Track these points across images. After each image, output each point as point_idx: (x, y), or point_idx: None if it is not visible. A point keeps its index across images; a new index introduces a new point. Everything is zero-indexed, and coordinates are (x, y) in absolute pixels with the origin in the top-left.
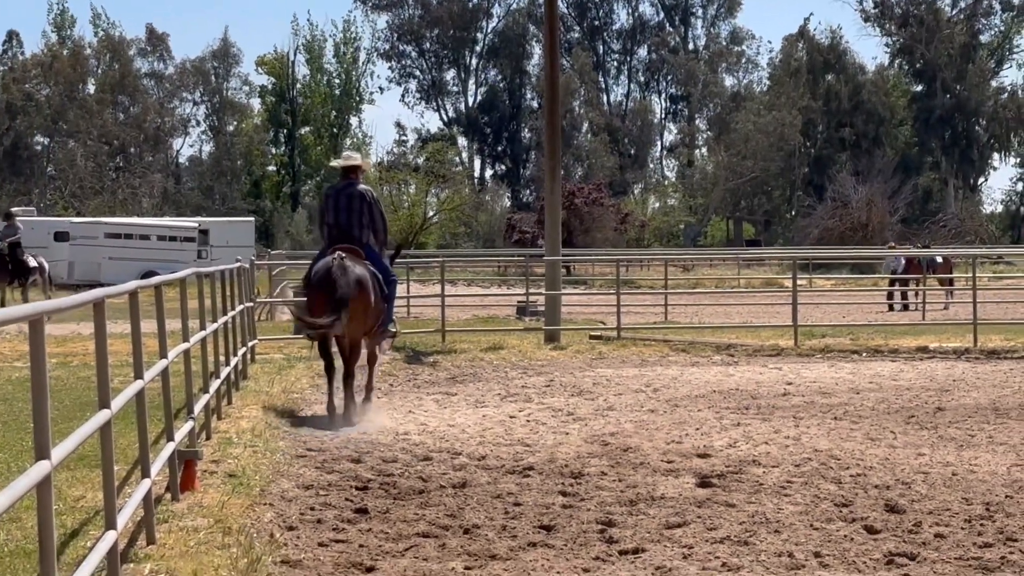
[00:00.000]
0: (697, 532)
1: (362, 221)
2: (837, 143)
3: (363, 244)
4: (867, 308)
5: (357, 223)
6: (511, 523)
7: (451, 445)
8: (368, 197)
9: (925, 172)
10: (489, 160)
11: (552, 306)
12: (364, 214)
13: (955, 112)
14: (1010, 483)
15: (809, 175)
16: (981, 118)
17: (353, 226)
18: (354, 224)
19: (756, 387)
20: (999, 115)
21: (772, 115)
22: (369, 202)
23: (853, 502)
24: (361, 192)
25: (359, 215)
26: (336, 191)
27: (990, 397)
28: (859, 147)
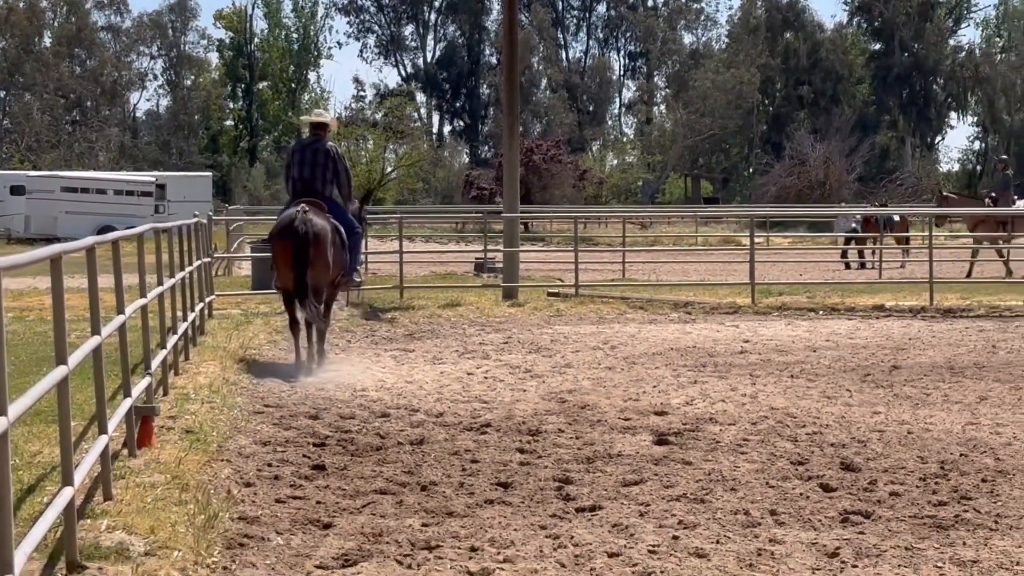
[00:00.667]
0: (654, 490)
1: (326, 176)
2: (795, 101)
3: (326, 198)
4: (824, 266)
5: (321, 178)
6: (468, 480)
7: (409, 402)
8: (332, 153)
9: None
10: (447, 116)
11: (510, 263)
12: (328, 169)
13: (913, 71)
14: (965, 441)
15: (767, 133)
16: (939, 77)
17: (316, 180)
18: (318, 179)
19: (713, 345)
20: (956, 74)
21: (730, 73)
22: (333, 158)
23: (809, 460)
24: (326, 148)
25: (323, 170)
26: (302, 147)
27: (945, 356)
28: (817, 105)
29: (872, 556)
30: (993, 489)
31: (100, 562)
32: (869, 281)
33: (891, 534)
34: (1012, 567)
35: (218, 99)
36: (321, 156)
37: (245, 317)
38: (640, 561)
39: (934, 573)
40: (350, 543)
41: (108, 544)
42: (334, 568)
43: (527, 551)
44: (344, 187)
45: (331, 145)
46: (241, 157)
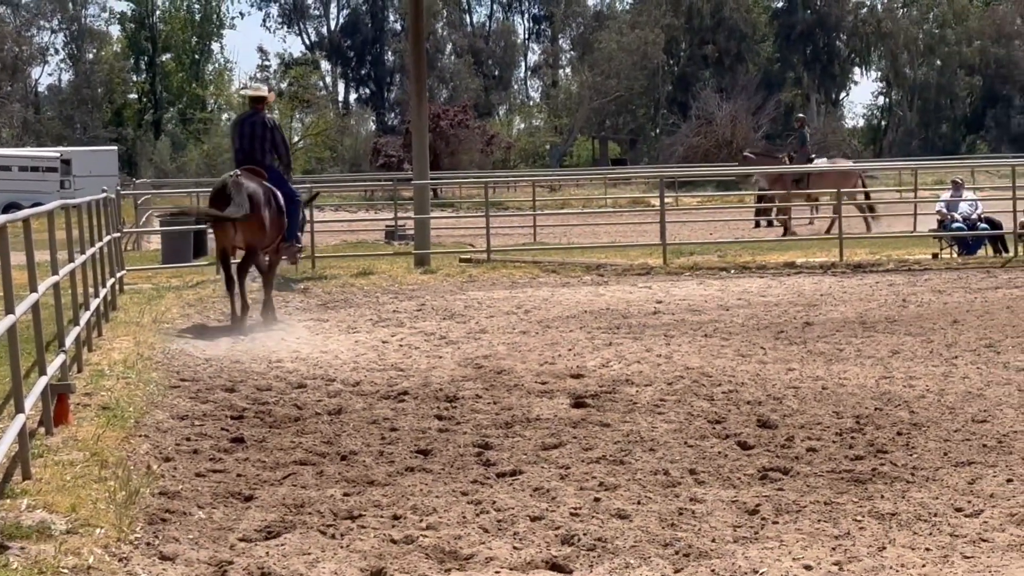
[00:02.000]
0: (573, 453)
1: (264, 147)
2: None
3: (266, 166)
4: (734, 225)
5: (259, 148)
6: (388, 448)
7: (325, 372)
8: (270, 124)
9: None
10: (353, 84)
11: (421, 230)
12: (267, 140)
13: (816, 27)
14: (879, 395)
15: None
16: (841, 33)
17: (255, 150)
18: (256, 149)
19: (627, 306)
20: (859, 30)
21: (635, 34)
22: (271, 128)
23: (726, 419)
24: (263, 120)
25: (262, 140)
26: (242, 119)
27: (857, 311)
28: (722, 64)
29: (792, 512)
30: (908, 442)
31: (22, 541)
32: (779, 239)
33: (810, 489)
34: (930, 518)
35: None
36: (259, 128)
37: (156, 291)
38: (563, 524)
39: (853, 527)
40: (272, 515)
41: (29, 523)
42: (257, 540)
43: (449, 518)
44: (283, 156)
45: (269, 116)
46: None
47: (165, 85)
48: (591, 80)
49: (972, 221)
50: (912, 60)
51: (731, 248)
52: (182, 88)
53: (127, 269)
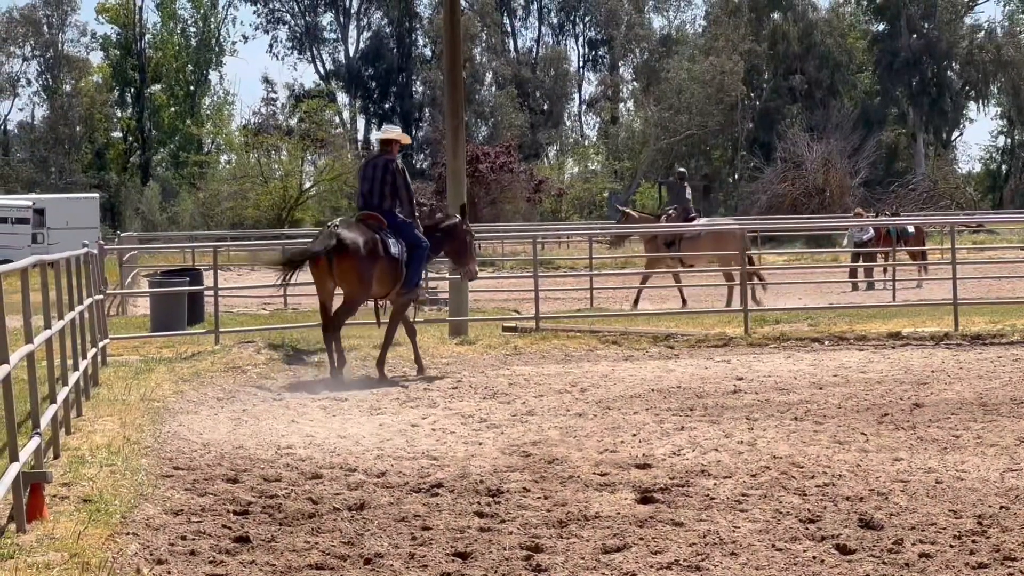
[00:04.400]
0: (640, 557)
1: (384, 191)
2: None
3: (386, 211)
4: (828, 288)
5: (379, 192)
6: (420, 550)
7: (344, 460)
8: (391, 168)
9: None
10: (375, 120)
11: (457, 293)
12: (387, 184)
13: (923, 55)
14: (1004, 491)
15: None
16: (954, 62)
17: (374, 195)
18: (375, 193)
19: (701, 384)
20: (975, 58)
21: (710, 61)
22: (392, 172)
23: (821, 517)
24: (385, 163)
25: (382, 184)
26: (368, 162)
27: (976, 390)
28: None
29: None
30: None
31: None
32: (881, 304)
33: None
34: None
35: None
36: (380, 171)
37: (145, 364)
38: None
39: None
40: None
41: None
42: None
43: None
44: (404, 202)
45: (392, 159)
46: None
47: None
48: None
49: None
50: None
51: (825, 315)
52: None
53: (111, 337)
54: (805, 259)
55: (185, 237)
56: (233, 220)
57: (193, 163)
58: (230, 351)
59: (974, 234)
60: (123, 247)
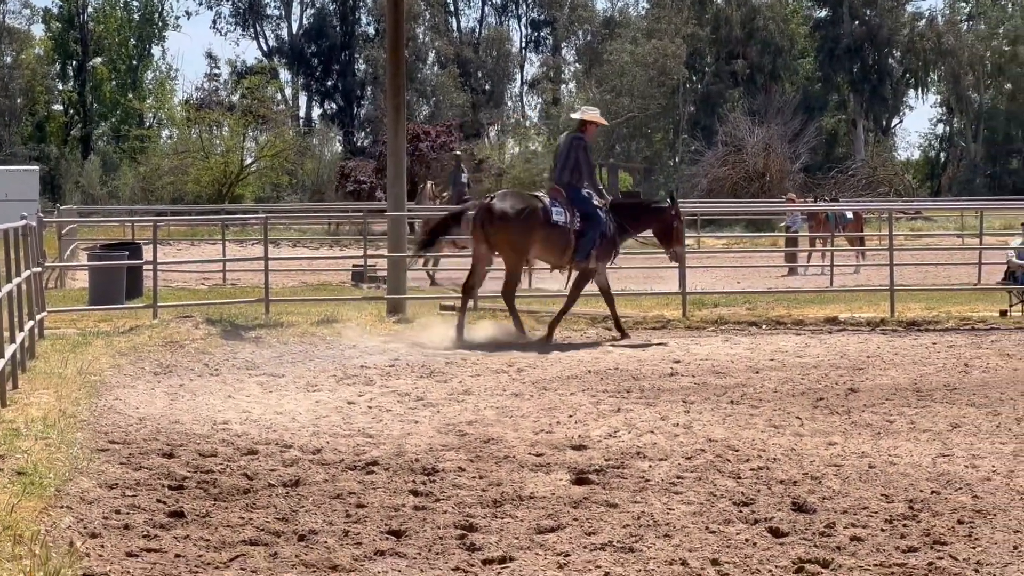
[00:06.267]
0: (574, 537)
1: (566, 164)
2: (728, 78)
3: (567, 185)
4: (766, 272)
5: (561, 167)
6: (354, 528)
7: (280, 436)
8: (576, 145)
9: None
10: (317, 97)
11: (395, 271)
12: (569, 159)
13: (865, 42)
14: (936, 476)
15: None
16: (895, 49)
17: (556, 170)
18: (557, 167)
19: (638, 366)
20: (916, 46)
21: (652, 44)
22: (576, 149)
23: (755, 500)
24: (572, 140)
25: (564, 159)
26: (562, 140)
27: (910, 376)
28: (754, 82)
29: None
30: (971, 532)
31: None
32: (819, 289)
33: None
34: None
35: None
36: (565, 147)
37: (83, 337)
38: None
39: None
40: None
41: None
42: None
43: None
44: (585, 177)
45: (581, 139)
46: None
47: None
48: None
49: None
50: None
51: (763, 299)
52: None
53: (48, 310)
54: (745, 243)
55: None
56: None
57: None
58: (168, 326)
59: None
60: (62, 220)
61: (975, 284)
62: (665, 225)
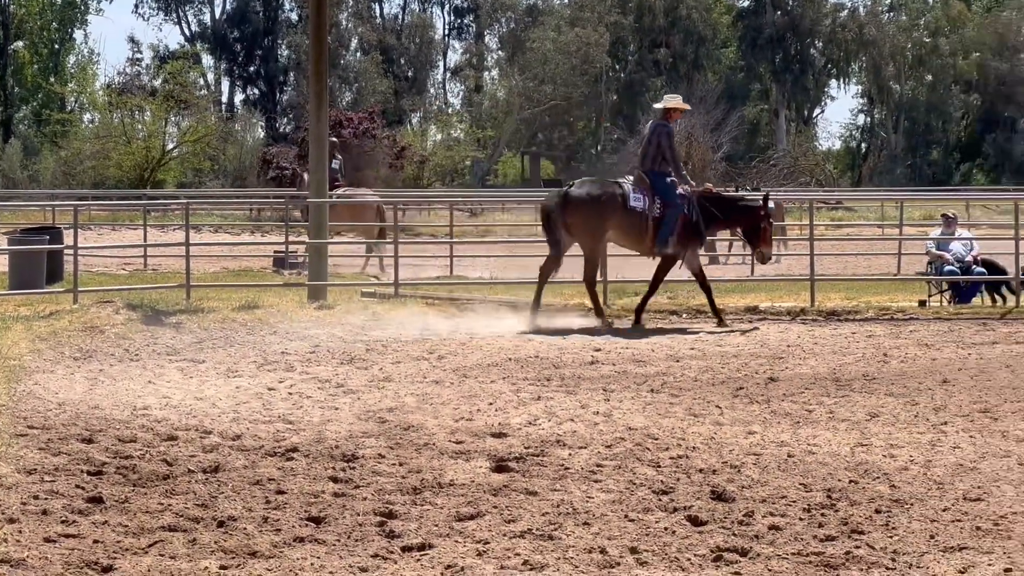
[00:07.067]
0: (494, 525)
1: (648, 151)
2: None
3: (650, 171)
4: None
5: (643, 154)
6: (274, 514)
7: (200, 422)
8: (660, 131)
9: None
10: (239, 83)
11: (317, 258)
12: (652, 145)
13: (787, 32)
14: (854, 466)
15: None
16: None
17: (645, 157)
18: (645, 155)
19: (559, 354)
20: (838, 36)
21: (575, 32)
22: (660, 136)
23: (674, 489)
24: (656, 127)
25: (648, 146)
26: (648, 127)
27: (830, 365)
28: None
29: None
30: (888, 521)
31: None
32: (739, 279)
33: (771, 574)
34: None
35: None
36: (649, 134)
37: (2, 322)
38: None
39: None
40: None
41: None
42: None
43: None
44: (670, 163)
45: (666, 126)
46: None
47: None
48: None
49: (967, 264)
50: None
51: (683, 288)
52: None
53: None
54: None
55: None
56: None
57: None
58: (88, 311)
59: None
60: None
61: (895, 274)
62: (753, 224)
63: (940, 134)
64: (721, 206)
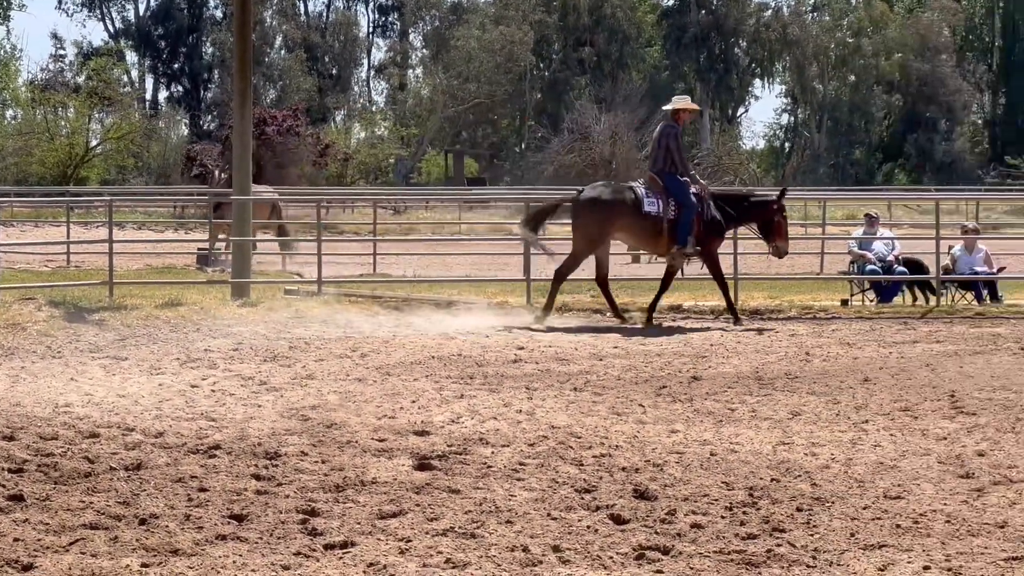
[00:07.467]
0: (416, 523)
1: (657, 153)
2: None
3: (661, 172)
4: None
5: (653, 155)
6: (196, 512)
7: (122, 419)
8: (668, 133)
9: None
10: (163, 80)
11: (240, 255)
12: (661, 147)
13: (712, 31)
14: (776, 464)
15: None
16: (741, 39)
17: (654, 159)
18: (651, 156)
19: (482, 352)
20: (762, 36)
21: (499, 31)
22: (668, 137)
23: (597, 487)
24: (664, 128)
25: (657, 147)
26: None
27: (753, 364)
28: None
29: None
30: (809, 520)
31: None
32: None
33: (693, 572)
34: None
35: None
36: (658, 136)
37: None
38: None
39: None
40: None
41: None
42: None
43: None
44: (677, 164)
45: (675, 128)
46: None
47: None
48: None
49: (888, 263)
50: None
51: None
52: None
53: None
54: None
55: None
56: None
57: None
58: (10, 308)
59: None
60: None
61: (817, 273)
62: (767, 219)
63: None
64: (734, 204)
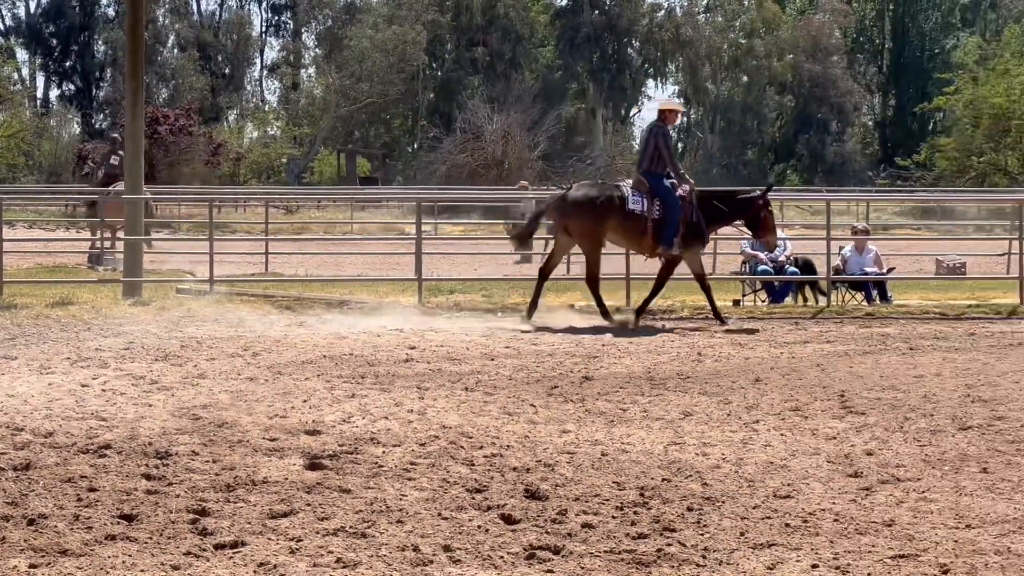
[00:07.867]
0: (306, 522)
1: (646, 153)
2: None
3: (647, 172)
4: (503, 260)
5: (641, 156)
6: (85, 512)
7: (11, 419)
8: (656, 133)
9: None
10: (55, 78)
11: (132, 254)
12: (649, 147)
13: (605, 32)
14: (667, 464)
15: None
16: (634, 39)
17: (643, 159)
18: (640, 155)
19: (373, 352)
20: (655, 36)
21: (392, 30)
22: (656, 137)
23: (488, 487)
24: (651, 128)
25: (645, 147)
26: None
27: (644, 364)
28: (494, 70)
29: None
30: (700, 519)
31: None
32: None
33: (584, 572)
34: None
35: None
36: (645, 136)
37: None
38: None
39: None
40: None
41: None
42: None
43: None
44: (666, 164)
45: (662, 128)
46: None
47: None
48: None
49: (780, 264)
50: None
51: (499, 286)
52: None
53: None
54: (482, 229)
55: None
56: None
57: None
58: None
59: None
60: None
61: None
62: (754, 214)
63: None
64: (722, 202)
